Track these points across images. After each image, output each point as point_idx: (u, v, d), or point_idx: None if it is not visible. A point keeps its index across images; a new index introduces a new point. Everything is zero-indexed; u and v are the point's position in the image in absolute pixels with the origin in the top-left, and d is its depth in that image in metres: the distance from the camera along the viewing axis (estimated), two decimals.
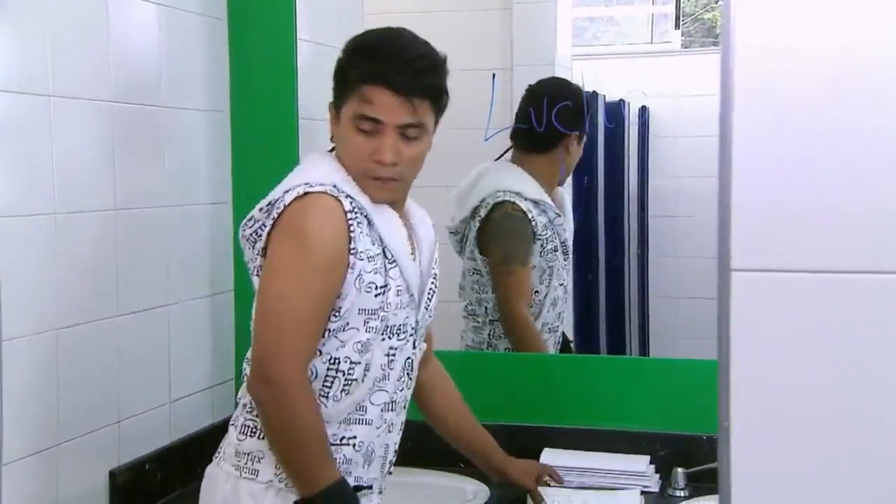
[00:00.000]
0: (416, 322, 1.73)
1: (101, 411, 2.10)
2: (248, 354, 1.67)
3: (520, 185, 2.41)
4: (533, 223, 2.40)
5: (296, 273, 1.58)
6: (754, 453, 0.87)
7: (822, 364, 0.86)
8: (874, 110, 0.84)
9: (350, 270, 1.61)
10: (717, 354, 0.89)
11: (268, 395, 1.59)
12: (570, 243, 2.49)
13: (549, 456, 2.28)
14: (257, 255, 1.67)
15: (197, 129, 2.41)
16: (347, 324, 1.63)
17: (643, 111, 2.72)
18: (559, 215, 2.42)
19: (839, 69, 0.84)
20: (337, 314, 1.62)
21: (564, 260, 2.46)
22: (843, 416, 0.86)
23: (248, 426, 1.68)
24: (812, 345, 0.86)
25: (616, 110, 2.67)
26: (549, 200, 2.43)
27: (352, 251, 1.60)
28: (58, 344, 1.96)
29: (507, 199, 2.41)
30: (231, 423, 1.75)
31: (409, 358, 1.73)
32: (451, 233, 2.49)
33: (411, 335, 1.73)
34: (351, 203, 1.61)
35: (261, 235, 1.65)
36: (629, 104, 2.70)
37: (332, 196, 1.60)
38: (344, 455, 1.67)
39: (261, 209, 1.65)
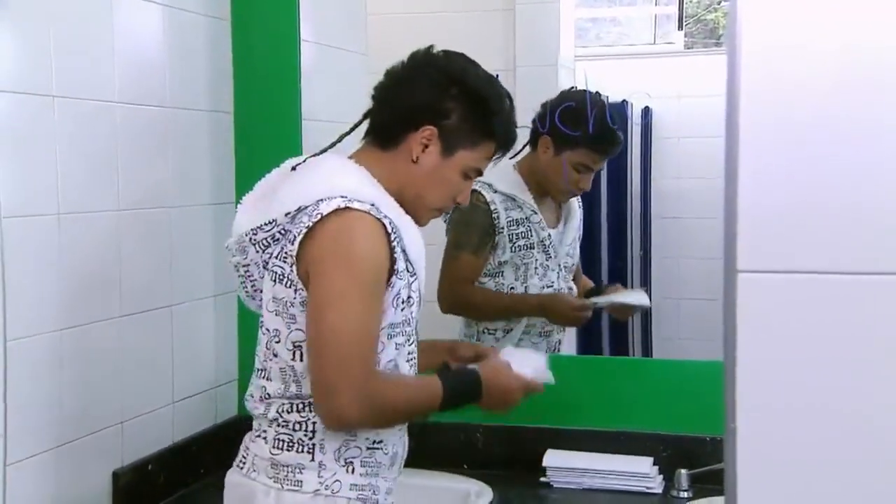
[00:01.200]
0: (417, 322, 1.75)
1: (104, 412, 2.09)
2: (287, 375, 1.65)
3: (496, 176, 2.39)
4: (495, 215, 2.39)
5: (353, 303, 1.57)
6: (761, 455, 0.87)
7: (831, 366, 0.85)
8: (883, 110, 0.83)
9: (390, 289, 1.62)
10: (721, 356, 0.89)
11: (357, 425, 1.64)
12: (561, 248, 2.46)
13: (553, 457, 2.28)
14: (275, 258, 1.63)
15: (200, 129, 2.40)
16: (378, 341, 1.64)
17: (646, 112, 2.72)
18: (535, 213, 2.41)
19: (847, 69, 0.84)
20: None
21: (546, 259, 2.44)
22: (852, 418, 0.85)
23: (283, 440, 1.66)
24: (820, 347, 0.86)
25: (619, 111, 2.67)
26: (527, 198, 2.42)
27: (395, 271, 1.61)
28: (61, 345, 1.96)
29: (476, 187, 2.39)
30: (254, 435, 1.71)
31: (415, 357, 1.74)
32: (444, 221, 2.49)
33: (416, 337, 1.74)
34: (390, 224, 1.62)
35: (278, 240, 1.64)
36: (632, 105, 2.70)
37: (374, 217, 1.59)
38: (375, 459, 1.69)
39: (287, 214, 1.62)
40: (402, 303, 1.64)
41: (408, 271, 1.65)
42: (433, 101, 1.69)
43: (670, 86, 2.75)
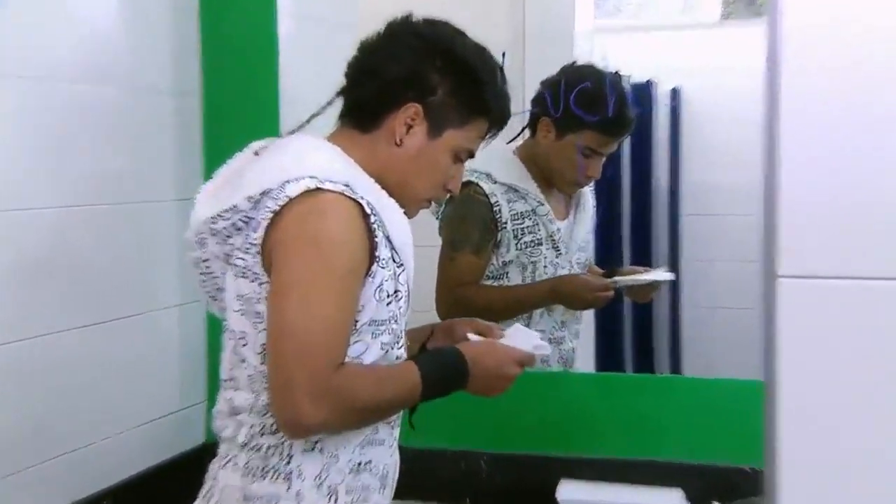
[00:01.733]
0: (406, 323, 1.75)
1: (51, 441, 2.09)
2: (250, 374, 1.65)
3: (495, 166, 2.41)
4: (496, 209, 2.41)
5: (319, 291, 1.57)
6: (807, 488, 0.87)
7: (884, 383, 0.85)
8: None
9: (371, 280, 1.62)
10: (761, 373, 0.89)
11: (320, 426, 1.60)
12: (573, 243, 2.48)
13: (568, 489, 2.28)
14: (238, 250, 1.64)
15: (162, 114, 2.41)
16: (358, 337, 1.64)
17: (675, 93, 2.73)
18: (542, 203, 2.42)
19: None
20: (353, 329, 1.63)
21: (557, 256, 2.45)
22: None
23: (256, 467, 1.65)
24: (871, 361, 0.86)
25: (643, 92, 2.67)
26: (531, 187, 2.43)
27: (376, 259, 1.61)
28: None
29: (473, 178, 2.41)
30: (222, 461, 1.71)
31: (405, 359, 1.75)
32: (436, 218, 2.51)
33: (405, 338, 1.76)
34: (368, 205, 1.62)
35: (241, 229, 1.64)
36: (658, 85, 2.70)
37: (348, 198, 1.59)
38: (362, 483, 1.69)
39: (250, 198, 1.63)
40: (388, 296, 1.64)
41: (393, 261, 1.66)
42: (416, 74, 1.70)
43: (703, 62, 2.75)
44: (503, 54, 1.80)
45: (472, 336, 1.84)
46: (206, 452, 2.47)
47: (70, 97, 2.12)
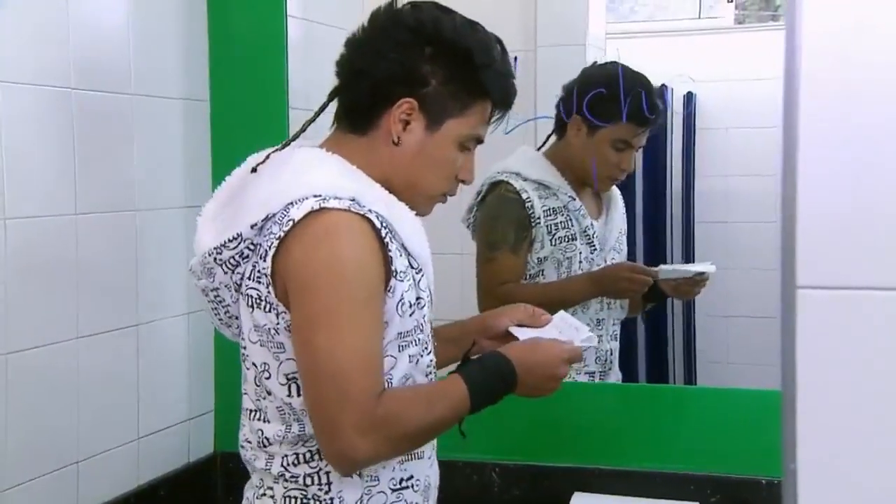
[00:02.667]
0: (430, 325, 1.74)
1: (57, 451, 2.10)
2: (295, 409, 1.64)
3: (522, 164, 2.45)
4: (528, 204, 2.43)
5: (345, 320, 1.54)
6: (825, 501, 0.86)
7: None
8: None
9: (390, 295, 1.59)
10: (778, 383, 0.88)
11: (374, 461, 1.61)
12: (607, 241, 2.51)
13: (581, 502, 2.27)
14: (248, 279, 1.61)
15: (172, 120, 2.41)
16: (385, 353, 1.62)
17: (689, 98, 2.72)
18: (573, 198, 2.45)
19: None
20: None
21: (591, 252, 2.47)
22: None
23: (294, 498, 1.64)
24: (893, 373, 0.85)
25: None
26: (561, 183, 2.45)
27: (393, 273, 1.59)
28: (7, 371, 1.96)
29: (503, 178, 2.44)
30: (258, 492, 1.69)
31: (434, 367, 1.74)
32: (467, 227, 2.53)
33: (432, 342, 1.74)
34: (378, 218, 1.59)
35: (248, 257, 1.61)
36: (672, 90, 2.70)
37: (356, 214, 1.56)
38: (405, 500, 1.68)
39: (253, 225, 1.60)
40: (411, 306, 1.63)
41: (412, 268, 1.64)
42: (405, 68, 1.65)
43: (718, 68, 2.75)
44: (515, 59, 1.79)
45: (515, 331, 1.79)
46: (215, 463, 2.48)
47: (81, 104, 2.12)
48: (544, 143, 2.54)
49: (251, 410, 1.69)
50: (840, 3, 0.85)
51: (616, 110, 2.41)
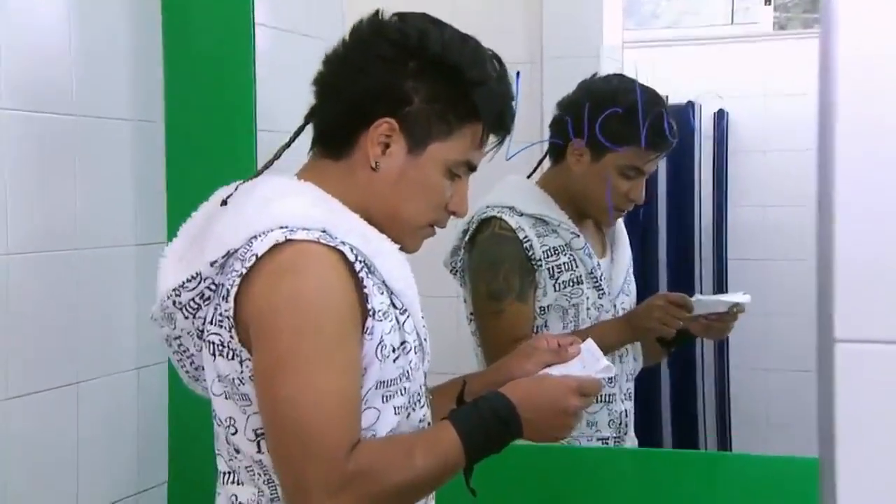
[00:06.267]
0: (425, 376, 1.75)
1: None
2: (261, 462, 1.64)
3: (515, 197, 2.42)
4: (527, 244, 2.40)
5: (310, 363, 1.55)
6: None
7: None
8: None
9: (369, 337, 1.60)
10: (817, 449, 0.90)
11: None
12: (615, 282, 2.48)
13: None
14: (210, 324, 1.63)
15: (120, 144, 2.42)
16: (366, 404, 1.62)
17: (720, 117, 2.74)
18: (577, 235, 2.42)
19: None
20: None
21: (599, 297, 2.44)
22: None
23: None
24: None
25: (683, 116, 2.68)
26: (561, 217, 2.43)
27: (370, 313, 1.60)
28: None
29: (495, 214, 2.41)
30: None
31: (429, 422, 1.75)
32: (450, 271, 2.51)
33: (425, 395, 1.74)
34: (353, 251, 1.60)
35: (209, 299, 1.63)
36: (701, 108, 2.72)
37: (325, 246, 1.58)
38: None
39: (213, 263, 1.61)
40: (394, 351, 1.63)
41: (394, 307, 1.65)
42: (385, 83, 1.67)
43: (754, 81, 2.77)
44: (517, 73, 1.81)
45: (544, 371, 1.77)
46: None
47: (15, 126, 2.13)
48: (535, 169, 2.51)
49: (224, 473, 1.70)
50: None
51: (632, 133, 2.36)
